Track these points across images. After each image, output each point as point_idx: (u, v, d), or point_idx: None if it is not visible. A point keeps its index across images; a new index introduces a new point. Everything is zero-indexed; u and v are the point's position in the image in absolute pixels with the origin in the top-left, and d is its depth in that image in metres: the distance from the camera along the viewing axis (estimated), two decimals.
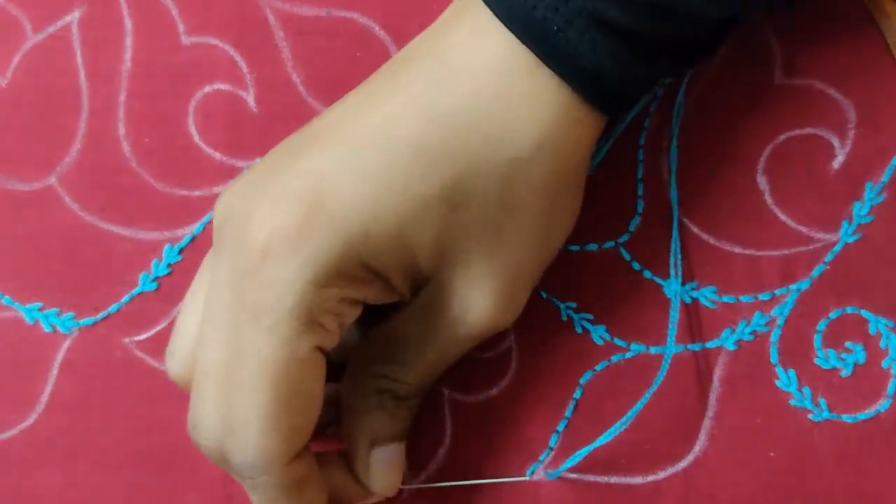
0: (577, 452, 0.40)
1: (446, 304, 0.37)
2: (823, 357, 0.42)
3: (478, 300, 0.37)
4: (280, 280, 0.33)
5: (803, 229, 0.42)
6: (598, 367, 0.42)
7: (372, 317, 0.38)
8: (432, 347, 0.38)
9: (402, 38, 0.43)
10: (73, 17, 0.45)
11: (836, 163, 0.43)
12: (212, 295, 0.35)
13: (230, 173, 0.43)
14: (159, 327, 0.43)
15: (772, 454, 0.41)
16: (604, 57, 0.35)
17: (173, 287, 0.43)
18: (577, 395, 0.42)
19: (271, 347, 0.33)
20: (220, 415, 0.34)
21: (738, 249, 0.42)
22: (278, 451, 0.34)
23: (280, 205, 0.34)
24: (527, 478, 0.41)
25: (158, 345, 0.43)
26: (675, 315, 0.41)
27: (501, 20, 0.35)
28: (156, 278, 0.43)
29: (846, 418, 0.41)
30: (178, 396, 0.42)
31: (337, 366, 0.39)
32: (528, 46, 0.35)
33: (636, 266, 0.42)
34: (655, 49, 0.36)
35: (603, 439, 0.40)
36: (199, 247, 0.43)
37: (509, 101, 0.35)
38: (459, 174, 0.35)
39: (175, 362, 0.37)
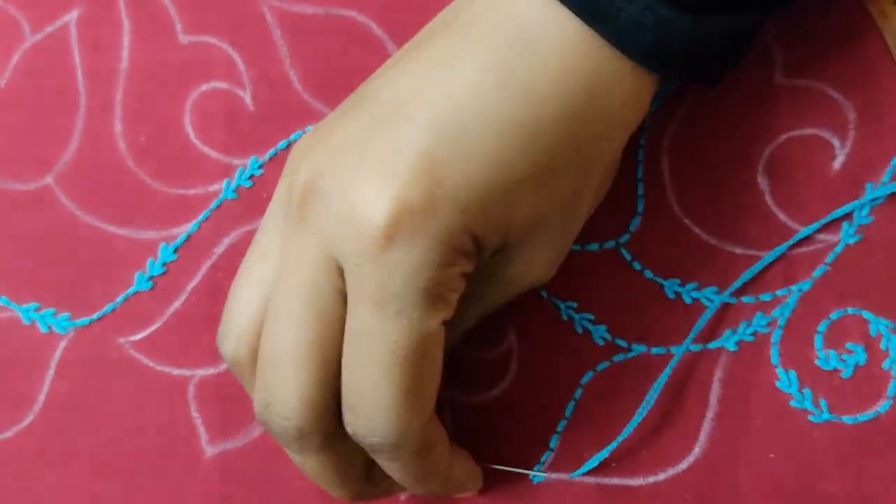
0: (598, 454, 0.41)
1: (504, 269, 0.37)
2: (824, 358, 0.42)
3: (538, 265, 0.37)
4: (408, 263, 0.32)
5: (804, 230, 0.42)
6: (598, 368, 0.42)
7: None
8: (476, 308, 0.39)
9: (399, 37, 0.43)
10: (72, 16, 0.45)
11: (837, 163, 0.43)
12: (297, 269, 0.34)
13: (226, 171, 0.43)
14: (154, 327, 0.43)
15: (772, 455, 0.41)
16: (650, 17, 0.34)
17: (169, 286, 0.43)
18: (577, 395, 0.42)
19: (399, 332, 0.33)
20: (319, 395, 0.34)
21: (738, 250, 0.42)
22: (414, 425, 0.34)
23: (396, 181, 0.33)
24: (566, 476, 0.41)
25: (154, 344, 0.43)
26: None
27: None
28: (151, 277, 0.43)
29: (846, 419, 0.41)
30: (174, 397, 0.42)
31: None
32: (582, 18, 0.34)
33: (637, 266, 0.42)
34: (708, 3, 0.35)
35: (621, 437, 0.41)
36: (194, 246, 0.43)
37: (593, 75, 0.35)
38: (551, 150, 0.35)
39: (231, 342, 0.36)
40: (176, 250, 0.43)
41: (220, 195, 0.43)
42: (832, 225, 0.42)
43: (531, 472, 0.41)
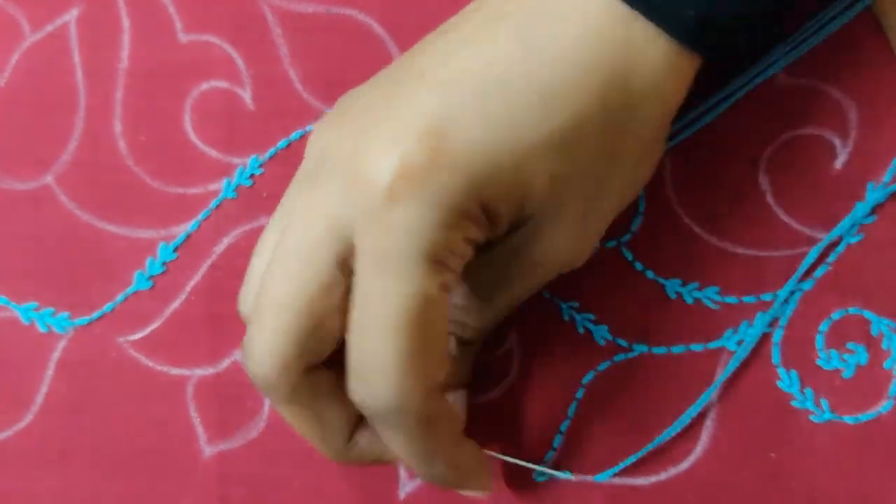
0: (630, 457, 0.41)
1: (533, 246, 0.37)
2: (825, 358, 0.42)
3: (567, 242, 0.37)
4: (408, 223, 0.33)
5: (805, 230, 0.42)
6: (600, 368, 0.42)
7: None
8: (507, 291, 0.38)
9: (400, 35, 0.43)
10: (71, 15, 0.45)
11: (838, 163, 0.43)
12: (301, 225, 0.34)
13: (226, 171, 0.43)
14: (154, 326, 0.43)
15: (773, 455, 0.41)
16: None
17: (168, 286, 0.43)
18: (579, 395, 0.42)
19: (399, 294, 0.33)
20: (296, 345, 0.34)
21: (740, 250, 0.42)
22: (415, 392, 0.34)
23: (403, 142, 0.33)
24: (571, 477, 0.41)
25: (153, 344, 0.42)
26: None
27: None
28: (151, 277, 0.43)
29: (848, 419, 0.41)
30: (173, 397, 0.42)
31: None
32: None
33: (638, 266, 0.42)
34: None
35: (659, 440, 0.41)
36: (193, 245, 0.43)
37: (621, 42, 0.35)
38: (577, 117, 0.34)
39: (245, 302, 0.37)
40: (176, 249, 0.43)
41: (219, 194, 0.43)
42: (834, 224, 0.42)
43: (541, 469, 0.41)
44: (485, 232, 0.35)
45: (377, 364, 0.34)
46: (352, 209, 0.33)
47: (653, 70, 0.35)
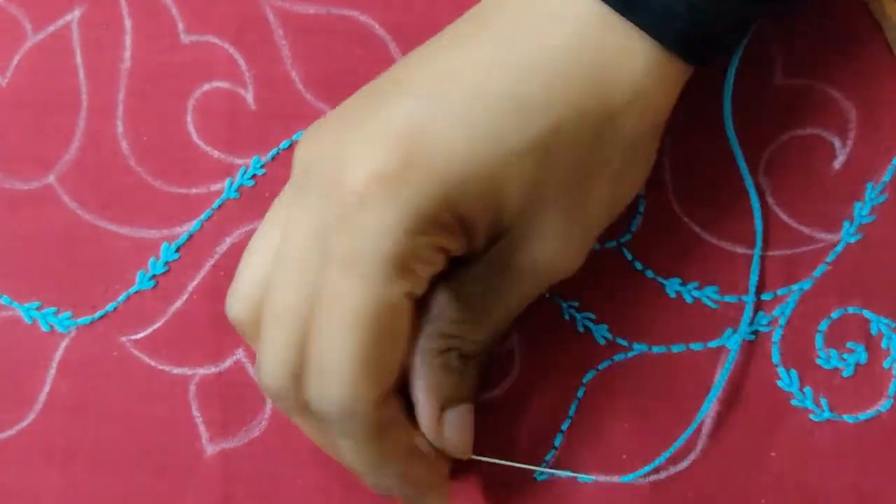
0: (661, 456, 0.41)
1: (518, 256, 0.37)
2: (825, 357, 0.42)
3: (553, 251, 0.37)
4: (376, 226, 0.33)
5: (805, 229, 0.42)
6: (600, 367, 0.42)
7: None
8: (501, 302, 0.38)
9: (401, 36, 0.43)
10: (74, 16, 0.45)
11: (837, 163, 0.43)
12: (290, 238, 0.35)
13: (228, 171, 0.43)
14: (156, 325, 0.43)
15: (773, 454, 0.41)
16: (682, 2, 0.34)
17: (170, 285, 0.43)
18: (580, 394, 0.42)
19: (361, 294, 0.33)
20: (291, 358, 0.35)
21: (740, 249, 0.42)
22: (366, 396, 0.34)
23: (376, 148, 0.33)
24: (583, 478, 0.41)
25: (156, 343, 0.43)
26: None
27: None
28: (153, 276, 0.43)
29: (847, 418, 0.41)
30: (175, 396, 0.42)
31: None
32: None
33: (638, 265, 0.42)
34: None
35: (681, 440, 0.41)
36: (196, 245, 0.43)
37: (603, 51, 0.35)
38: (554, 125, 0.34)
39: (237, 304, 0.37)
40: (178, 249, 0.43)
41: (222, 194, 0.43)
42: (833, 224, 0.42)
43: (541, 468, 0.41)
44: (458, 242, 0.36)
45: (330, 365, 0.34)
46: (328, 214, 0.34)
47: (634, 81, 0.35)
